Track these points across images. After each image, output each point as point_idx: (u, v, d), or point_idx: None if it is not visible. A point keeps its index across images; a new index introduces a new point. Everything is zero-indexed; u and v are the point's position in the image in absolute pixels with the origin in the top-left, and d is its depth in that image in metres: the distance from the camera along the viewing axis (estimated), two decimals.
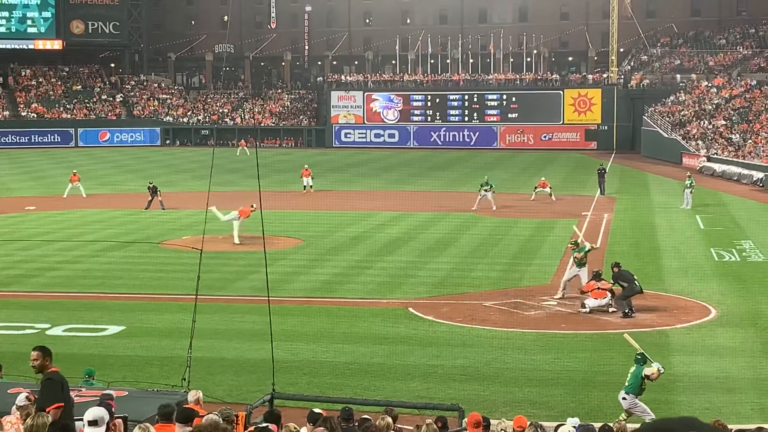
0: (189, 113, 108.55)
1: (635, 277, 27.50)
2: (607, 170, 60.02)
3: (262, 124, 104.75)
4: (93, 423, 9.28)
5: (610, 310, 27.12)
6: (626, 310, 26.57)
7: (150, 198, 50.29)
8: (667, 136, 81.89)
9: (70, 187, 55.59)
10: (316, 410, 12.90)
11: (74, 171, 58.35)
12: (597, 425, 13.42)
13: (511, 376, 21.30)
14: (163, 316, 27.04)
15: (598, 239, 40.05)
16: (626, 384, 18.04)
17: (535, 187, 54.19)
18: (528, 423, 12.91)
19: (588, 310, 27.14)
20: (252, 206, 37.39)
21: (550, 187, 54.15)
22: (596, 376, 21.22)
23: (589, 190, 57.59)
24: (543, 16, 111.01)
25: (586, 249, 30.12)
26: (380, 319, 26.71)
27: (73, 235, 41.77)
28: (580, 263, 29.66)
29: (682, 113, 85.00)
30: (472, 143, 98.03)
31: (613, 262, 28.91)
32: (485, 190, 49.92)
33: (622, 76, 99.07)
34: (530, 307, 28.03)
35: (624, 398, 17.96)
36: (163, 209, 49.55)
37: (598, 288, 27.33)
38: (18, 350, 23.41)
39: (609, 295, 27.26)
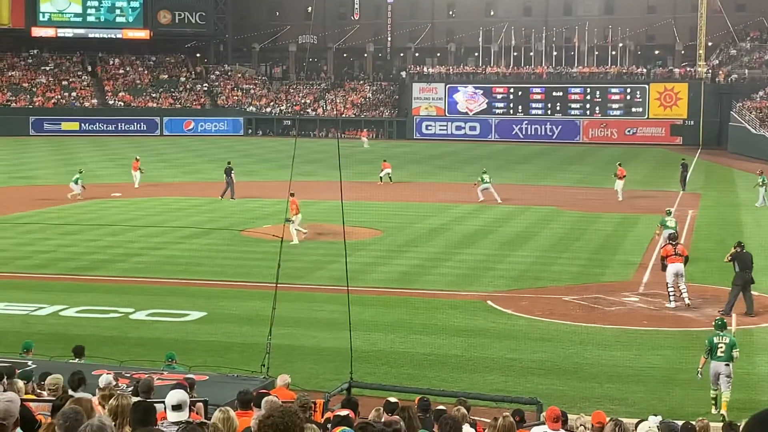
0: (272, 103, 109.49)
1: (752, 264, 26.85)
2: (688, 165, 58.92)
3: (344, 115, 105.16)
4: (177, 407, 9.38)
5: (686, 300, 26.79)
6: (730, 306, 26.10)
7: (226, 182, 50.32)
8: (755, 132, 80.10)
9: (138, 176, 54.95)
10: (393, 399, 12.90)
11: (136, 157, 57.28)
12: (679, 423, 13.18)
13: (591, 372, 21.07)
14: (243, 303, 27.33)
15: (682, 235, 39.40)
16: (722, 354, 18.95)
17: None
18: (608, 419, 12.74)
19: (674, 305, 26.80)
20: (291, 194, 36.95)
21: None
22: (678, 373, 20.86)
23: (674, 186, 56.62)
24: (629, 9, 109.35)
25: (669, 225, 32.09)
26: (459, 311, 26.64)
27: (157, 221, 42.46)
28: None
29: None
30: (554, 137, 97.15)
31: (737, 240, 28.40)
32: (485, 183, 49.51)
33: (710, 71, 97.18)
34: (611, 302, 27.68)
35: (727, 365, 18.84)
36: (231, 198, 49.63)
37: (675, 254, 27.30)
38: (102, 333, 23.95)
39: (684, 261, 27.34)
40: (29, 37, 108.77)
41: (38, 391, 12.76)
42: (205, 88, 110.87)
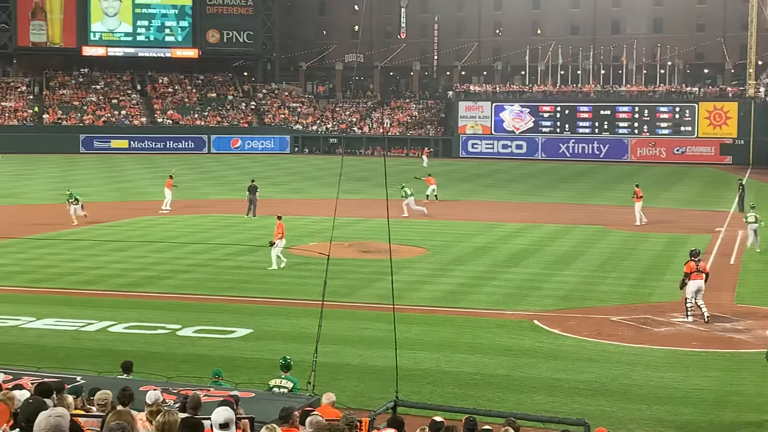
0: (318, 121, 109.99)
1: None
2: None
3: (390, 134, 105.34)
4: (224, 426, 9.39)
5: (705, 315, 26.86)
6: None
7: (249, 200, 50.17)
8: None
9: (170, 195, 53.06)
10: (438, 418, 12.82)
11: (171, 174, 55.62)
12: None
13: (639, 393, 20.82)
14: (289, 320, 27.38)
15: (732, 256, 38.97)
16: None
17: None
18: None
19: (691, 320, 27.02)
20: (278, 217, 36.87)
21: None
22: (728, 396, 20.57)
23: (723, 205, 55.98)
24: (678, 28, 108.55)
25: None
26: (505, 330, 26.48)
27: (204, 238, 42.74)
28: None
29: None
30: (601, 155, 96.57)
31: None
32: (407, 197, 50.13)
33: (760, 89, 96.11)
34: (660, 323, 27.38)
35: None
36: (254, 216, 49.43)
37: (698, 270, 27.38)
38: (150, 349, 24.09)
39: (705, 278, 27.43)
40: (80, 56, 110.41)
41: (87, 406, 12.85)
42: (252, 107, 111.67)
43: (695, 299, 27.32)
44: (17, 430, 8.28)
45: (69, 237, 42.28)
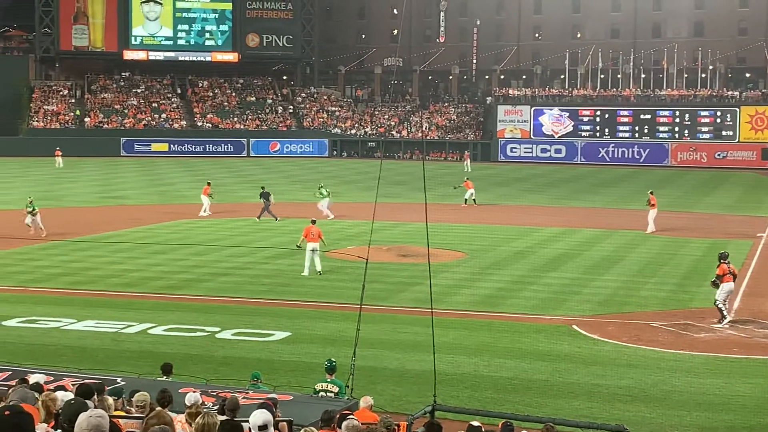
0: (357, 125, 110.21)
1: None
2: None
3: (428, 138, 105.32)
4: (263, 428, 9.44)
5: (725, 319, 26.72)
6: None
7: (263, 206, 50.40)
8: None
9: (208, 203, 53.06)
10: (475, 423, 12.79)
11: (208, 181, 55.54)
12: None
13: (679, 399, 20.65)
14: (327, 323, 27.43)
15: None
16: None
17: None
18: None
19: (729, 318, 26.91)
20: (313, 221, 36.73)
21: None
22: None
23: (765, 210, 55.39)
24: (720, 31, 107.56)
25: None
26: (543, 335, 26.36)
27: (243, 241, 42.94)
28: None
29: None
30: (641, 160, 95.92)
31: None
32: (322, 198, 50.44)
33: None
34: (700, 329, 27.13)
35: None
36: (258, 219, 49.82)
37: (730, 272, 27.50)
38: (189, 352, 24.24)
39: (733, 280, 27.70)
40: (122, 60, 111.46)
41: (127, 407, 12.96)
42: (291, 110, 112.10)
43: (726, 301, 27.27)
44: (59, 431, 8.38)
45: (110, 239, 42.68)
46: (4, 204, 56.89)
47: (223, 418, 10.22)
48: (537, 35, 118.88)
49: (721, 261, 28.03)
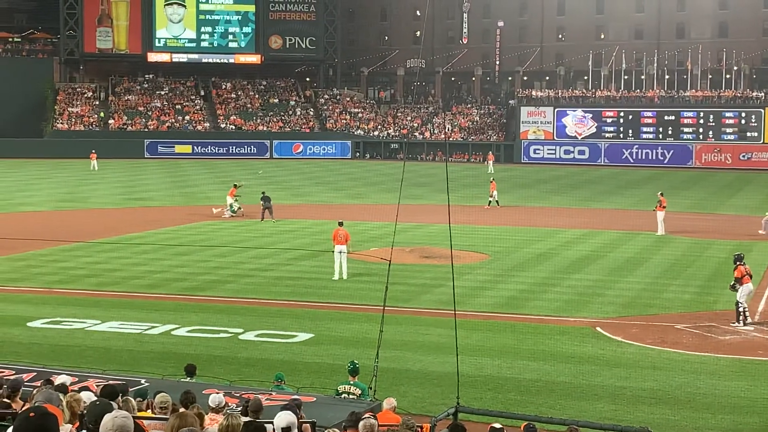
0: (379, 127, 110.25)
1: None
2: None
3: (451, 139, 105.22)
4: (286, 430, 9.44)
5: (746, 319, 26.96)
6: None
7: (263, 209, 50.76)
8: None
9: (234, 205, 53.43)
10: (497, 425, 12.76)
11: (235, 183, 55.90)
12: None
13: (704, 402, 20.53)
14: (350, 325, 27.45)
15: None
16: None
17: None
18: None
19: (750, 320, 26.93)
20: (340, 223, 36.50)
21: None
22: None
23: None
24: (744, 32, 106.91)
25: None
26: (567, 337, 26.28)
27: (266, 243, 43.03)
28: None
29: None
30: (665, 161, 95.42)
31: None
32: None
33: None
34: (725, 331, 26.97)
35: None
36: (273, 221, 49.91)
37: (748, 274, 27.58)
38: (212, 353, 24.32)
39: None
40: (145, 62, 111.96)
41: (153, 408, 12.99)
42: (314, 112, 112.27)
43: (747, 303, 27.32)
44: (84, 431, 8.41)
45: (134, 241, 42.88)
46: (29, 206, 57.27)
47: (247, 419, 10.23)
48: (560, 36, 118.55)
49: (738, 263, 27.90)
